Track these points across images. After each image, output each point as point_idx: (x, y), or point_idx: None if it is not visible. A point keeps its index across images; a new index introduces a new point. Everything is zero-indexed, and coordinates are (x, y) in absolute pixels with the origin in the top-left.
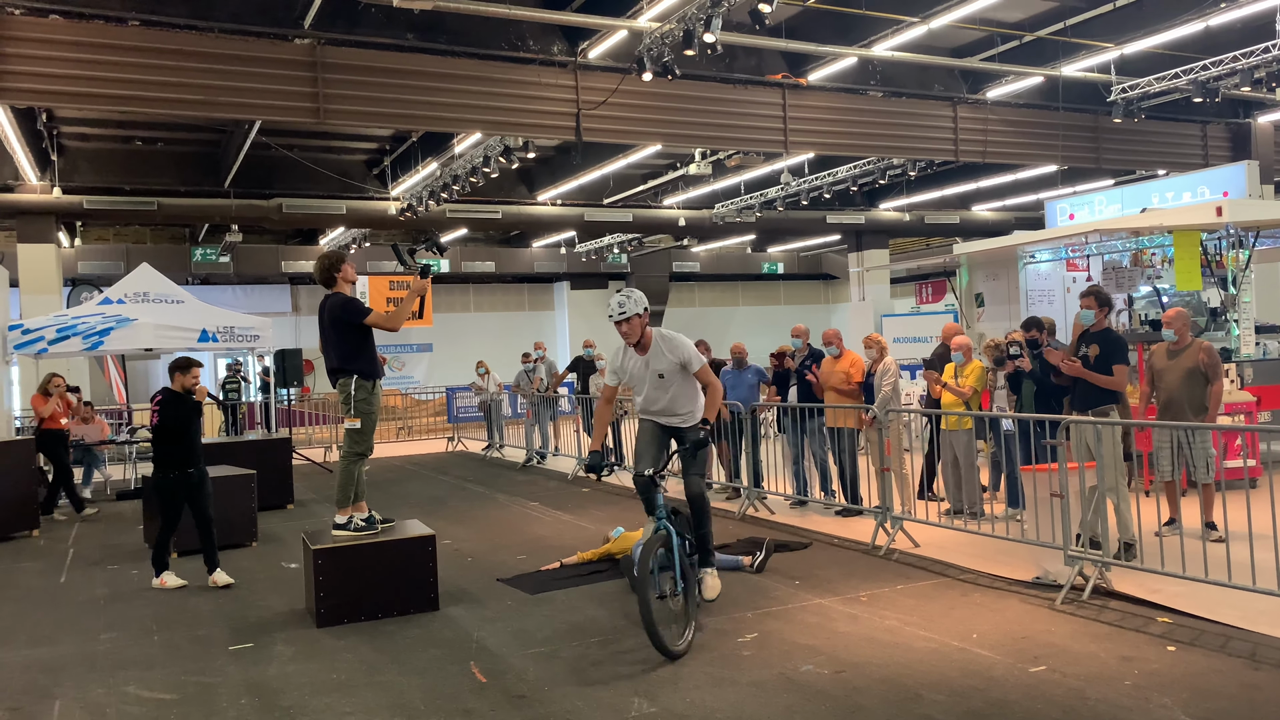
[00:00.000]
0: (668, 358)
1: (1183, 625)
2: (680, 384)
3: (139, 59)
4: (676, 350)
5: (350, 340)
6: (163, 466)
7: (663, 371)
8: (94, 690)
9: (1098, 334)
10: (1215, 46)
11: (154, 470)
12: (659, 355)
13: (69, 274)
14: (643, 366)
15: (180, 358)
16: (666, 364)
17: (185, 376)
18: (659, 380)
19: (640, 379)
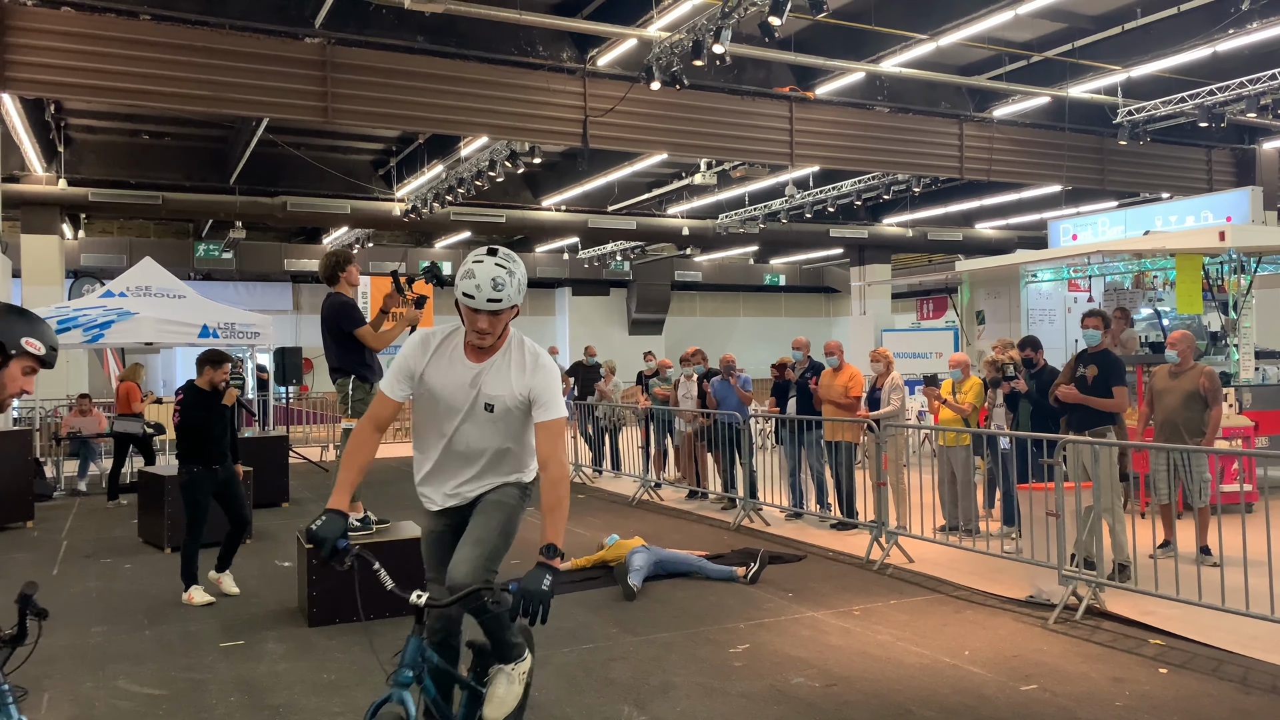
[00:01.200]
0: (514, 380)
1: (1175, 648)
2: (516, 431)
3: (149, 53)
4: (537, 373)
5: (348, 342)
6: (186, 462)
7: (495, 401)
8: (83, 684)
9: (1096, 355)
10: (1222, 72)
11: (179, 468)
12: (503, 372)
13: (71, 266)
14: (465, 381)
15: (212, 351)
16: (508, 389)
17: (216, 372)
18: (484, 413)
19: (452, 398)
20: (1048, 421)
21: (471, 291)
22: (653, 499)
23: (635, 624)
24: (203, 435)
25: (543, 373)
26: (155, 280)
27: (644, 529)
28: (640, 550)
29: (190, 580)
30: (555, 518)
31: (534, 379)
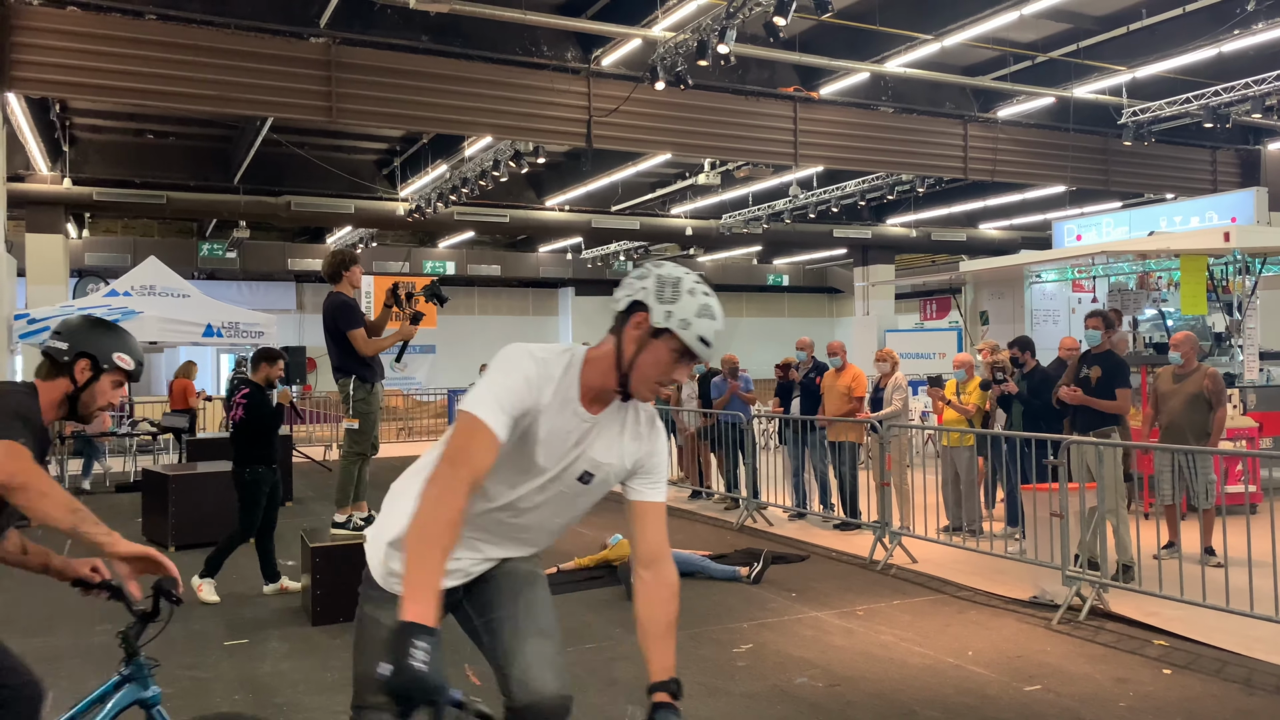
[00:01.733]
0: (626, 445)
1: (1179, 649)
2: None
3: (154, 53)
4: (654, 437)
5: (343, 343)
6: (248, 461)
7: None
8: (88, 682)
9: (1100, 355)
10: (1227, 72)
11: (237, 465)
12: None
13: (76, 265)
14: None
15: (267, 348)
16: (617, 457)
17: (273, 368)
18: (575, 483)
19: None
20: (1039, 422)
21: (710, 337)
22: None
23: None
24: (267, 434)
25: (659, 438)
26: (159, 280)
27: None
28: None
29: (212, 571)
30: (671, 638)
31: (650, 444)
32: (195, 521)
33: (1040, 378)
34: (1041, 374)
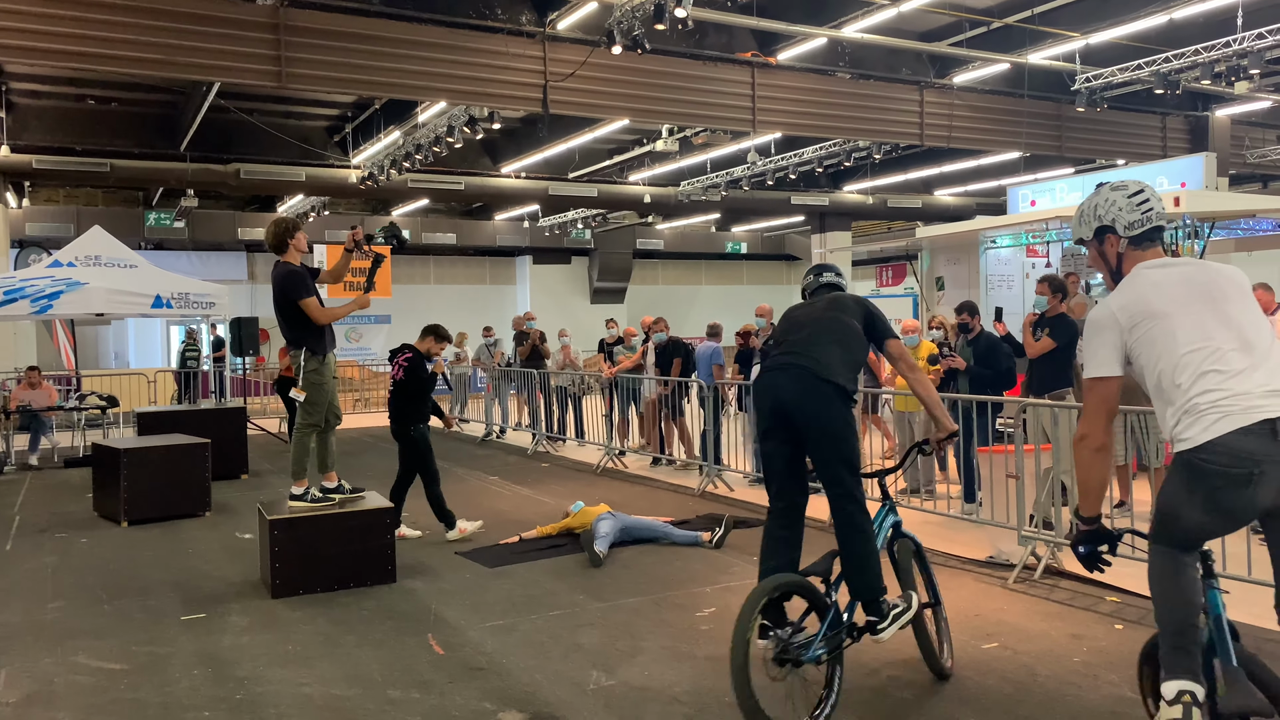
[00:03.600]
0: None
1: (1130, 604)
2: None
3: (94, 14)
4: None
5: (296, 313)
6: (412, 420)
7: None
8: (42, 660)
9: (1052, 319)
10: (1177, 39)
11: (396, 426)
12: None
13: (16, 235)
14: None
15: (439, 327)
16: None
17: (436, 344)
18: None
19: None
20: (986, 390)
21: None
22: (617, 466)
23: (602, 590)
24: (424, 395)
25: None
26: (105, 250)
27: (609, 496)
28: (606, 517)
29: (450, 520)
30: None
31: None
32: (147, 496)
33: (987, 344)
34: (988, 340)
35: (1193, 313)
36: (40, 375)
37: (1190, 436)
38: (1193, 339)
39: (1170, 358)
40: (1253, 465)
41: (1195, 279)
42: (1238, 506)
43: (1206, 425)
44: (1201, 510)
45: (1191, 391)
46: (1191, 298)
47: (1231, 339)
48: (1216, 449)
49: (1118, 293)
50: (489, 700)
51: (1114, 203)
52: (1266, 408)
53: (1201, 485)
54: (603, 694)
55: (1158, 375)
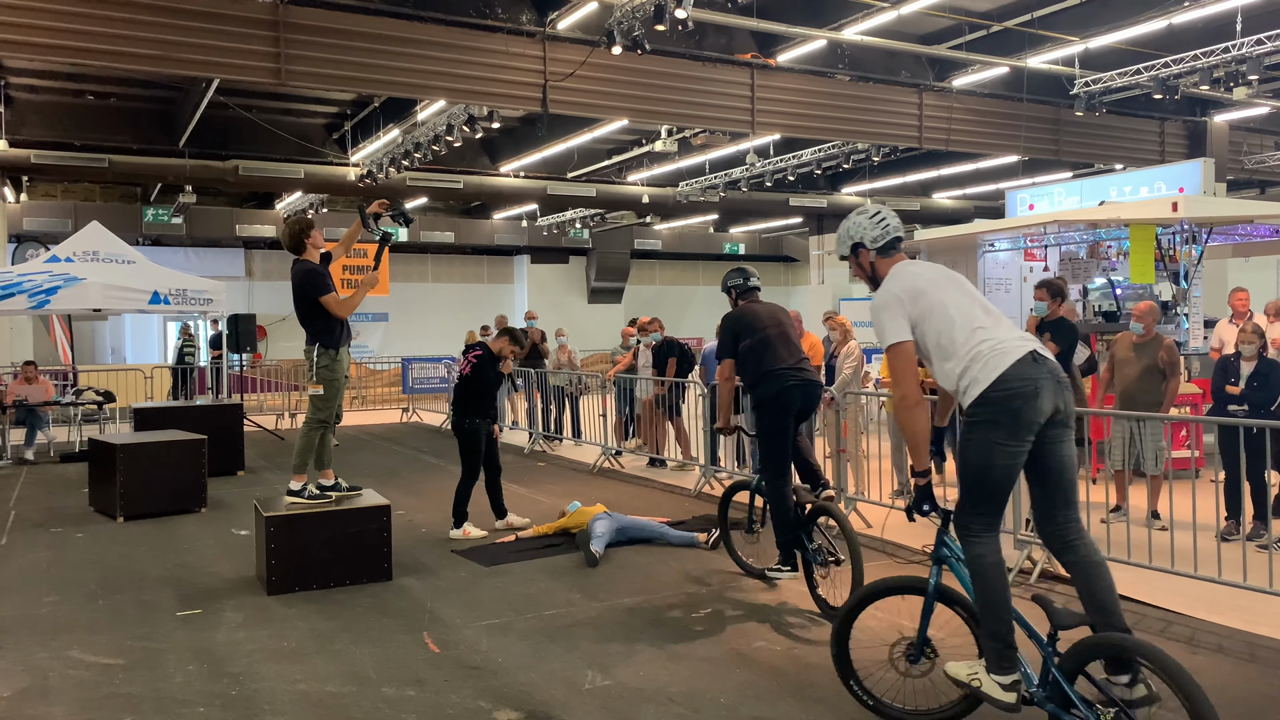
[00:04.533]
0: None
1: (1125, 610)
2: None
3: (94, 9)
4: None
5: (311, 309)
6: (466, 414)
7: None
8: (36, 654)
9: (1052, 323)
10: (1177, 44)
11: (455, 418)
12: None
13: (14, 230)
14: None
15: (515, 329)
16: None
17: (510, 345)
18: None
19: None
20: None
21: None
22: (614, 466)
23: (598, 590)
24: (487, 392)
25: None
26: (103, 245)
27: (605, 496)
28: (602, 517)
29: (462, 519)
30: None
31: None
32: (144, 491)
33: None
34: None
35: (949, 291)
36: (37, 370)
37: (984, 377)
38: (960, 306)
39: (946, 321)
40: (1034, 382)
41: (941, 270)
42: (1033, 418)
43: (995, 364)
44: (1007, 434)
45: (971, 343)
46: (944, 281)
47: (978, 307)
48: (1009, 377)
49: (890, 282)
50: (484, 699)
51: (860, 224)
52: (1024, 345)
53: (1005, 409)
54: (598, 693)
55: (937, 335)
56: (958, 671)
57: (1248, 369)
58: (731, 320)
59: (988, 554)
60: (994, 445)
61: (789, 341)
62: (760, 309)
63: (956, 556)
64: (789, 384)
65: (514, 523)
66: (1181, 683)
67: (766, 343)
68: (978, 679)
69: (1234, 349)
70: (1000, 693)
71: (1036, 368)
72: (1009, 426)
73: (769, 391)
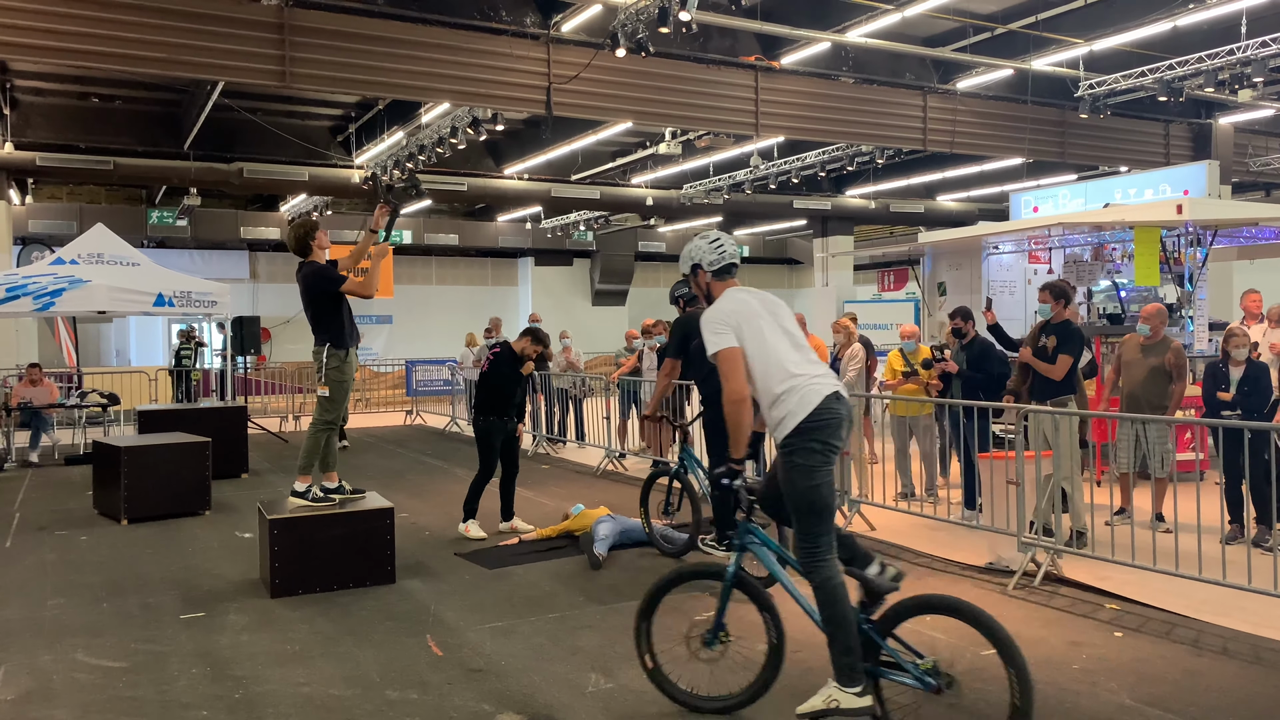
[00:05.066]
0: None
1: (1130, 612)
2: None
3: (99, 13)
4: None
5: (321, 309)
6: (484, 411)
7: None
8: (41, 657)
9: (1057, 326)
10: (1182, 47)
11: (475, 415)
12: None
13: (19, 232)
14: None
15: (539, 331)
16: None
17: (532, 345)
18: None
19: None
20: (979, 395)
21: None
22: (618, 469)
23: (601, 593)
24: (504, 391)
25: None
26: (108, 248)
27: (609, 499)
28: (605, 520)
29: (470, 515)
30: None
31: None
32: (148, 494)
33: (980, 349)
34: (982, 345)
35: (770, 323)
36: (41, 372)
37: (800, 410)
38: (777, 340)
39: (762, 351)
40: (842, 415)
41: (766, 300)
42: (838, 445)
43: (809, 400)
44: (824, 457)
45: (785, 379)
46: (767, 311)
47: (790, 343)
48: (823, 409)
49: (723, 301)
50: (487, 702)
51: (700, 248)
52: (830, 384)
53: (821, 436)
54: (601, 696)
55: (764, 363)
56: (813, 705)
57: (1237, 374)
58: (682, 323)
59: (835, 575)
60: (815, 468)
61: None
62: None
63: (760, 542)
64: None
65: (518, 527)
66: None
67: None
68: (834, 700)
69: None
70: (858, 702)
71: (840, 403)
72: (823, 452)
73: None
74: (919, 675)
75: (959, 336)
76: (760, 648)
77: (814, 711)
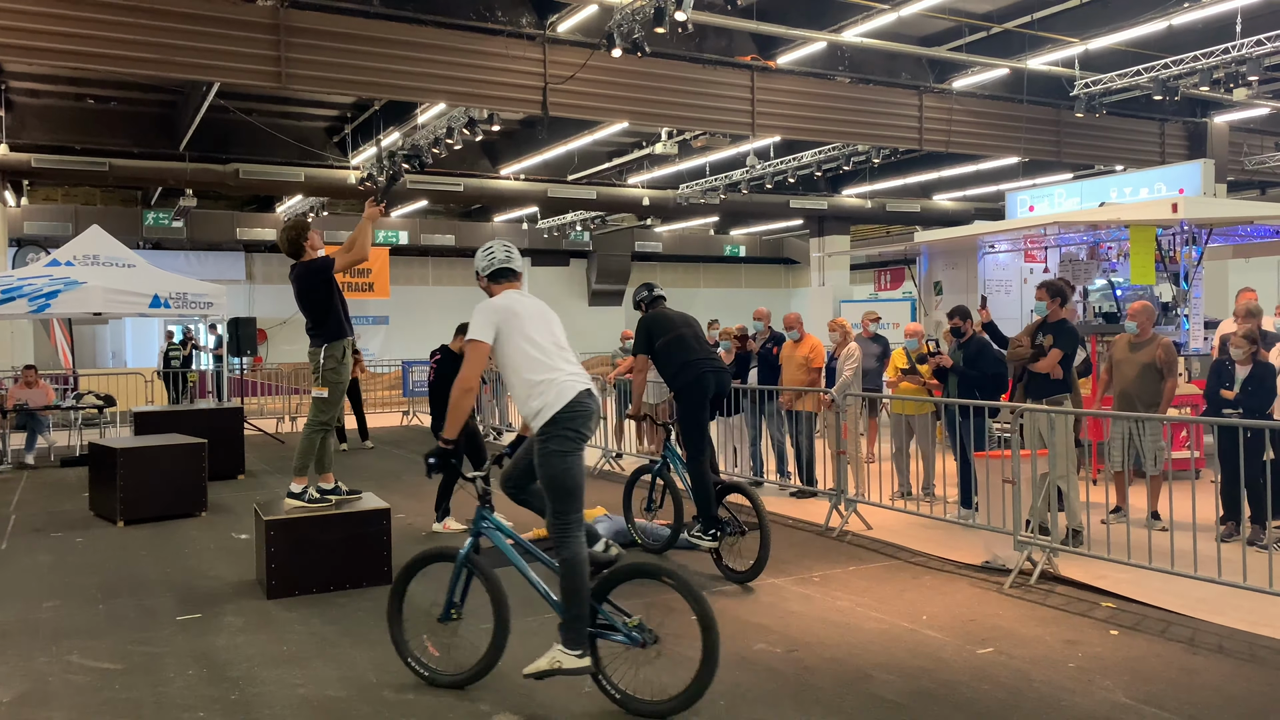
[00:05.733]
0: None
1: (1126, 610)
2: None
3: (94, 14)
4: None
5: (315, 306)
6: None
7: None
8: (37, 659)
9: (1053, 324)
10: (1176, 46)
11: (435, 423)
12: None
13: (14, 234)
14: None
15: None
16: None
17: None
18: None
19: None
20: (974, 392)
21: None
22: (614, 469)
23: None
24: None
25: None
26: (103, 249)
27: (605, 499)
28: (602, 520)
29: (445, 513)
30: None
31: None
32: (144, 495)
33: (976, 347)
34: (978, 343)
35: (536, 325)
36: (37, 374)
37: (555, 404)
38: (541, 342)
39: (525, 348)
40: (591, 408)
41: (537, 306)
42: (586, 434)
43: (564, 395)
44: (575, 444)
45: (543, 376)
46: (534, 314)
47: (553, 345)
48: (575, 404)
49: (498, 300)
50: (484, 702)
51: (478, 257)
52: (583, 382)
53: (574, 425)
54: (598, 697)
55: (515, 355)
56: (539, 666)
57: (1242, 373)
58: (647, 321)
59: (581, 551)
60: (567, 454)
61: (700, 338)
62: (671, 313)
63: (494, 527)
64: (704, 371)
65: (450, 527)
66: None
67: (681, 339)
68: (558, 661)
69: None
70: (579, 663)
71: (591, 399)
72: (575, 439)
73: (688, 378)
74: (627, 633)
75: (958, 336)
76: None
77: (539, 671)
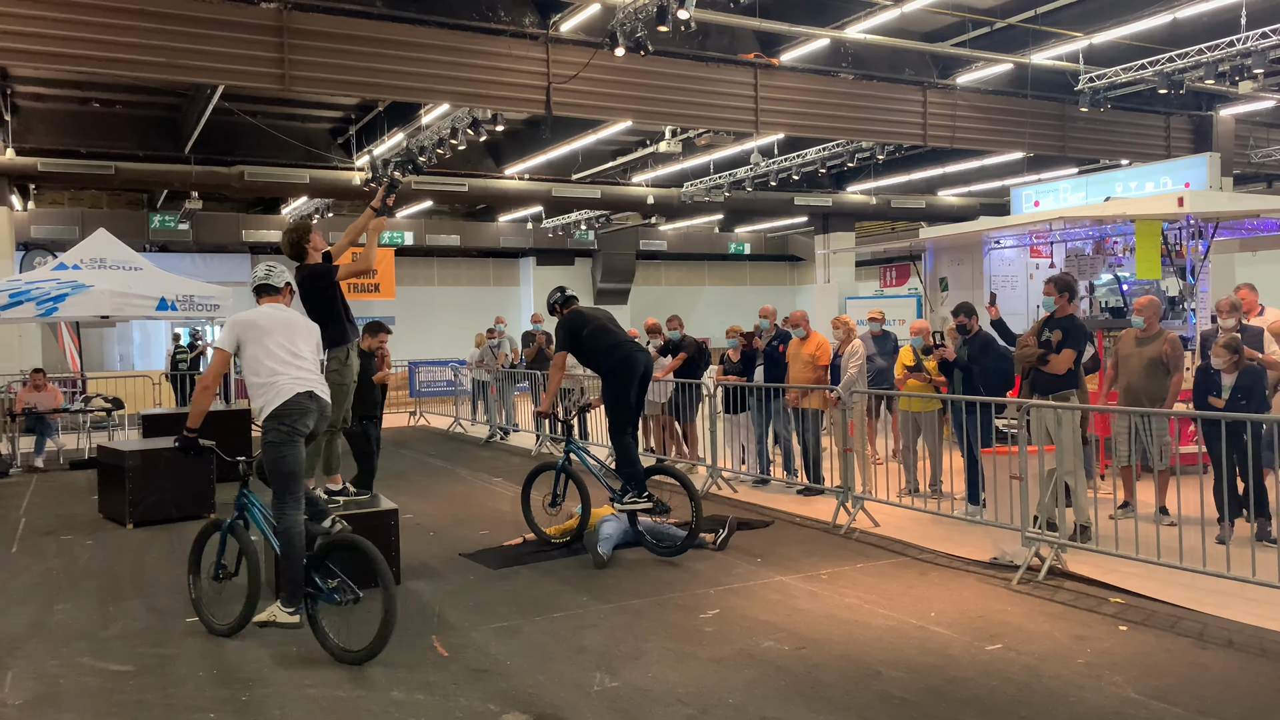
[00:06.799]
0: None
1: (1134, 605)
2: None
3: (98, 18)
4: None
5: (318, 310)
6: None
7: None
8: (48, 662)
9: (1061, 320)
10: (1181, 39)
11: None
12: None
13: (21, 238)
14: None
15: (374, 321)
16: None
17: (373, 339)
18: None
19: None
20: (979, 387)
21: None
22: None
23: (606, 592)
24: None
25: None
26: (110, 252)
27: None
28: (610, 519)
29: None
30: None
31: None
32: (153, 498)
33: (981, 343)
34: (983, 339)
35: (278, 334)
36: (45, 378)
37: (275, 401)
38: (278, 348)
39: (263, 354)
40: (309, 407)
41: (285, 316)
42: (302, 430)
43: (284, 394)
44: (289, 436)
45: (275, 376)
46: (278, 325)
47: (287, 353)
48: (291, 403)
49: (244, 314)
50: (493, 702)
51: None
52: (305, 385)
53: (288, 420)
54: (606, 696)
55: (256, 362)
56: (260, 617)
57: (1229, 381)
58: (567, 319)
59: (296, 524)
60: (282, 444)
61: (620, 328)
62: (586, 309)
63: (252, 504)
64: (632, 352)
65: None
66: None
67: (604, 327)
68: (275, 616)
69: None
70: (291, 619)
71: (311, 400)
72: (289, 432)
73: (615, 358)
74: (329, 592)
75: (963, 332)
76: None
77: (260, 621)
